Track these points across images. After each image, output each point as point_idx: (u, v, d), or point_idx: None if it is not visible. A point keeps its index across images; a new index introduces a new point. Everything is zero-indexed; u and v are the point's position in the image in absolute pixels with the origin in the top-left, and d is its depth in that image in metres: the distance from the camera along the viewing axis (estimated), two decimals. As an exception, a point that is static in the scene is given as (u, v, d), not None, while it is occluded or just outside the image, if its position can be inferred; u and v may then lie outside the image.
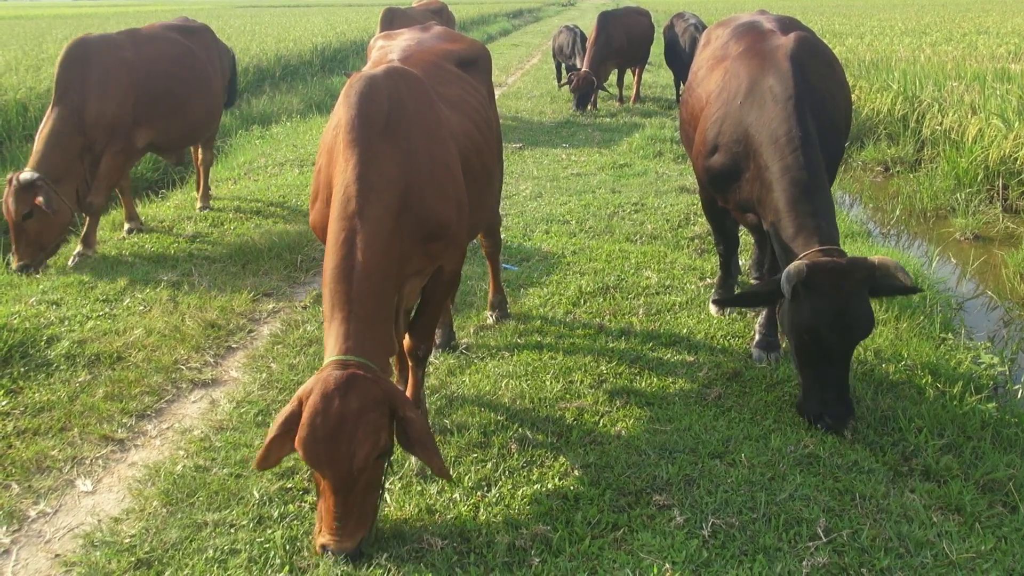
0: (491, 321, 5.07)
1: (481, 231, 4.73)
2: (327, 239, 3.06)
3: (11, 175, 5.78)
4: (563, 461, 3.57)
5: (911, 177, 9.62)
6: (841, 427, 3.75)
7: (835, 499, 3.30)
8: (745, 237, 5.84)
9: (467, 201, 3.52)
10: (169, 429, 4.01)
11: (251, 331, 5.12)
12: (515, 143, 10.69)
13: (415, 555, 3.00)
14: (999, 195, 8.47)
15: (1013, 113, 8.86)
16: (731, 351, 4.69)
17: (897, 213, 8.53)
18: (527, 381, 4.29)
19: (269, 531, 3.13)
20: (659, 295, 5.48)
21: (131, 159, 6.61)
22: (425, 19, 10.19)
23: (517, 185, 8.56)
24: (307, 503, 3.31)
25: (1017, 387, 4.60)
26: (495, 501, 3.30)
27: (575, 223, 7.15)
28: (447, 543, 3.04)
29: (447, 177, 3.39)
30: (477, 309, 5.23)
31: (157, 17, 18.60)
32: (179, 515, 3.25)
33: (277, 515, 3.23)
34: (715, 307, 5.20)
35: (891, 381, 4.29)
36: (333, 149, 3.21)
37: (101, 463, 3.72)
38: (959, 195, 8.42)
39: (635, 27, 13.28)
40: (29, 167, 5.77)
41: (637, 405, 4.06)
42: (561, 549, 3.02)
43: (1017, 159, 8.31)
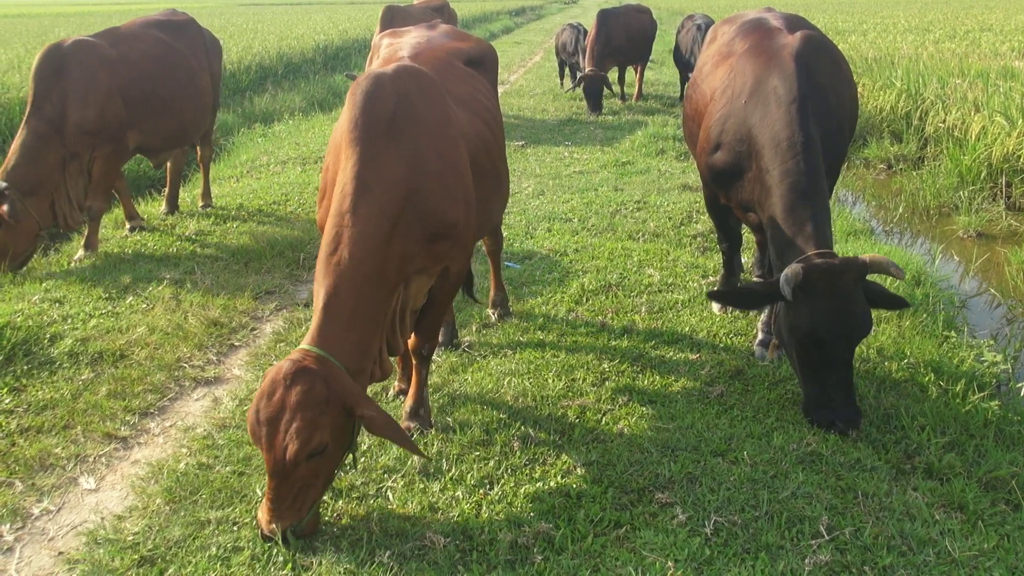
0: (493, 319, 5.07)
1: (488, 232, 4.72)
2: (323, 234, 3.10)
3: None
4: (565, 459, 3.57)
5: (914, 175, 9.61)
6: (852, 429, 3.72)
7: (838, 497, 3.30)
8: (748, 235, 5.83)
9: (475, 201, 3.52)
10: (172, 427, 4.01)
11: (254, 329, 5.13)
12: (518, 141, 10.69)
13: (417, 553, 3.01)
14: (1002, 193, 8.46)
15: (1016, 110, 8.84)
16: (734, 349, 4.69)
17: (900, 211, 8.52)
18: (529, 379, 4.29)
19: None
20: (661, 293, 5.48)
21: (123, 160, 6.45)
22: (426, 17, 10.15)
23: (519, 183, 8.55)
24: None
25: (1020, 385, 4.59)
26: (497, 499, 3.30)
27: (577, 221, 7.15)
28: (449, 541, 3.04)
29: (455, 177, 3.39)
30: (479, 307, 5.23)
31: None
32: (182, 513, 3.26)
33: (280, 513, 3.23)
34: (717, 305, 5.20)
35: (894, 379, 4.29)
36: (340, 148, 3.22)
37: (104, 461, 3.73)
38: (962, 193, 8.41)
39: (635, 24, 13.26)
40: None
41: (639, 403, 4.06)
42: (564, 547, 3.02)
43: (1020, 156, 8.30)
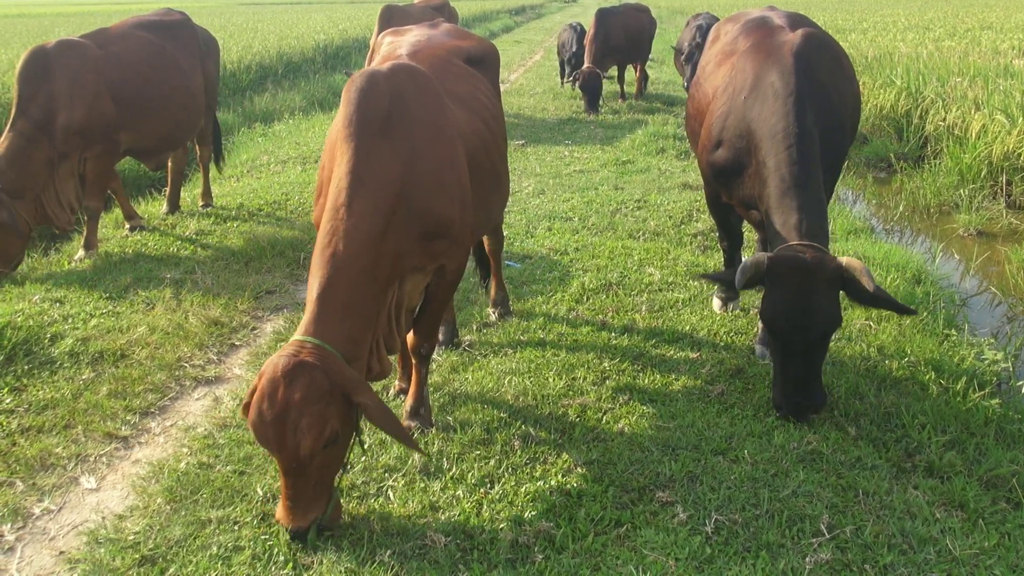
0: (493, 318, 5.07)
1: (488, 231, 4.72)
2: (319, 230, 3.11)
3: None
4: (566, 458, 3.57)
5: (914, 173, 9.60)
6: (799, 418, 3.82)
7: (838, 496, 3.30)
8: (749, 233, 5.83)
9: (471, 201, 3.52)
10: (173, 426, 4.02)
11: (254, 328, 5.13)
12: (518, 140, 10.69)
13: (418, 552, 3.01)
14: (1003, 191, 8.46)
15: (1017, 109, 8.83)
16: (734, 348, 4.69)
17: (900, 209, 8.51)
18: (530, 378, 4.29)
19: (272, 528, 3.13)
20: (662, 292, 5.48)
21: (115, 159, 6.39)
22: (425, 16, 10.13)
23: (520, 182, 8.55)
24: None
25: (1021, 383, 4.58)
26: (498, 498, 3.30)
27: (578, 220, 7.15)
28: (450, 540, 3.04)
29: (451, 176, 3.39)
30: (479, 306, 5.23)
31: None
32: (183, 512, 3.26)
33: (280, 512, 3.24)
34: (718, 303, 5.20)
35: (894, 377, 4.29)
36: (335, 145, 3.23)
37: (105, 460, 3.73)
38: (962, 191, 8.40)
39: (634, 23, 13.25)
40: None
41: (640, 402, 4.06)
42: (564, 546, 3.03)
43: (1021, 155, 8.29)
